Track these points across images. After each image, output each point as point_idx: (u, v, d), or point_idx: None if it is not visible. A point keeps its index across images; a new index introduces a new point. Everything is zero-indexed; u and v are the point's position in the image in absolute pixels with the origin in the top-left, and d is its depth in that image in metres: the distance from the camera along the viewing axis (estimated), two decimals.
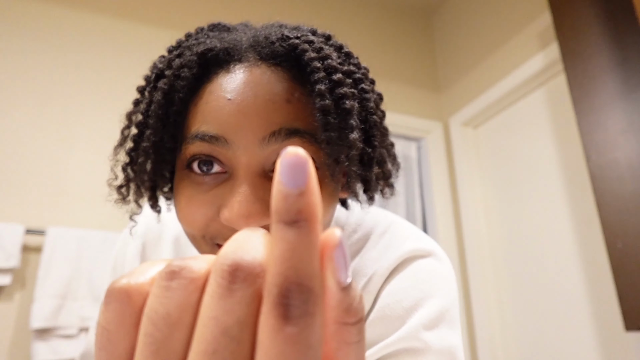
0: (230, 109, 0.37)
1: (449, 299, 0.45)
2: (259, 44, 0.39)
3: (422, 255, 0.47)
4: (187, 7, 1.95)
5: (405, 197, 2.09)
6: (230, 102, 0.37)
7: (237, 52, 0.39)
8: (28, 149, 1.52)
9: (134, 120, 0.44)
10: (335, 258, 0.17)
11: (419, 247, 0.47)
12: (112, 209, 1.56)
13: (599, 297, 1.50)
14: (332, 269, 0.17)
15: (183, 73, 0.39)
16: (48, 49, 1.64)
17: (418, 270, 0.46)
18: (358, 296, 0.18)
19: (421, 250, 0.47)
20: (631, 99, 1.23)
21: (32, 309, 1.28)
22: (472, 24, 2.22)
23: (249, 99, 0.37)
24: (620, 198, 1.20)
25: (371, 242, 0.49)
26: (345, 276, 0.18)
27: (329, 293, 0.17)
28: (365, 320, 0.34)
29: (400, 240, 0.48)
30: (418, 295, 0.44)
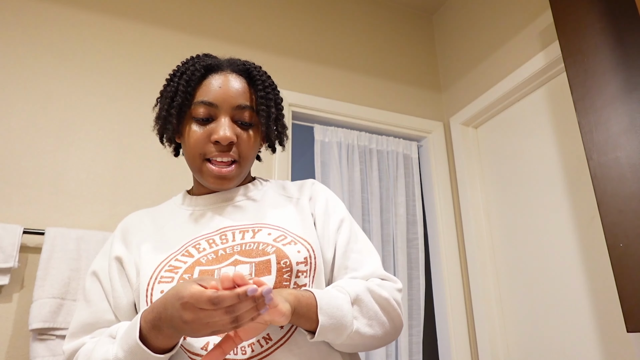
0: (218, 91, 0.79)
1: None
2: (232, 64, 0.83)
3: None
4: (186, 7, 1.95)
5: (406, 196, 2.09)
6: (219, 88, 0.80)
7: (221, 66, 0.83)
8: (26, 149, 1.51)
9: (163, 93, 0.83)
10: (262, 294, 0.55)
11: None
12: (110, 209, 1.55)
13: (600, 298, 1.50)
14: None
15: (195, 73, 0.80)
16: (48, 49, 1.64)
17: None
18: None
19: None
20: (632, 98, 1.22)
21: (31, 310, 1.28)
22: (473, 23, 2.22)
23: (227, 87, 0.80)
24: (622, 198, 1.19)
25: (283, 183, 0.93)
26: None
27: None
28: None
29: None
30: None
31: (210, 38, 1.94)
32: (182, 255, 0.74)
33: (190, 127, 0.79)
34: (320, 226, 0.82)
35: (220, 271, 0.70)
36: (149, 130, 1.70)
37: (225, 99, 0.78)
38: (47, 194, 1.49)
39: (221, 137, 0.76)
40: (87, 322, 0.75)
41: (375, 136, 2.13)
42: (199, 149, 0.78)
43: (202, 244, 0.75)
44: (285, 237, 0.76)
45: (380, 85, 2.24)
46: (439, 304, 2.01)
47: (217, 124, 0.78)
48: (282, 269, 0.71)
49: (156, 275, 0.71)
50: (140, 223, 0.84)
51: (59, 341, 1.29)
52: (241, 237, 0.75)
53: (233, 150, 0.78)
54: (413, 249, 2.02)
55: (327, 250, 0.80)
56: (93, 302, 0.76)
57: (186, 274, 0.70)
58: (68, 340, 0.75)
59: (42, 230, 1.39)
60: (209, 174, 0.78)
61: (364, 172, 2.05)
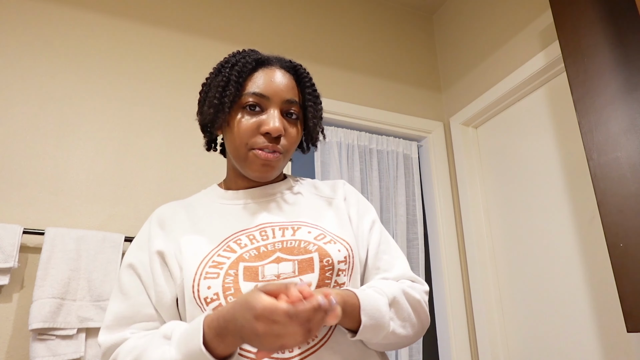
0: (269, 84, 0.81)
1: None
2: (280, 60, 0.85)
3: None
4: (185, 7, 1.95)
5: (406, 196, 2.09)
6: (271, 81, 0.81)
7: (270, 61, 0.84)
8: (26, 149, 1.51)
9: (211, 83, 0.84)
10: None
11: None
12: (110, 209, 1.55)
13: (600, 298, 1.50)
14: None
15: (247, 65, 0.81)
16: (48, 49, 1.64)
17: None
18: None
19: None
20: (633, 98, 1.22)
21: (31, 310, 1.28)
22: (473, 23, 2.21)
23: (277, 81, 0.81)
24: (622, 198, 1.19)
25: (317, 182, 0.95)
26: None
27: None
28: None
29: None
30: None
31: (210, 38, 1.94)
32: (224, 250, 0.74)
33: (238, 116, 0.79)
34: (355, 226, 0.84)
35: (264, 268, 0.71)
36: (149, 130, 1.70)
37: (276, 92, 0.79)
38: (47, 194, 1.49)
39: (272, 128, 0.76)
40: (125, 315, 0.74)
41: (375, 136, 2.13)
42: (246, 139, 0.78)
43: (243, 239, 0.75)
44: (325, 235, 0.77)
45: (380, 85, 2.23)
46: (439, 304, 2.01)
47: (268, 116, 0.78)
48: (324, 267, 0.72)
49: (201, 271, 0.71)
50: (175, 215, 0.83)
51: (58, 341, 1.29)
52: (281, 235, 0.76)
53: (280, 142, 0.79)
54: (413, 249, 2.02)
55: (361, 251, 0.82)
56: (130, 295, 0.75)
57: (231, 269, 0.70)
58: (105, 332, 0.73)
59: (42, 230, 1.39)
60: (255, 161, 0.78)
61: (364, 172, 2.05)
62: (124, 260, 0.80)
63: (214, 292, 0.69)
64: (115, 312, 0.75)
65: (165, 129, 1.73)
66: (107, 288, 1.39)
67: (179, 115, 1.77)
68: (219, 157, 1.77)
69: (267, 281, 0.70)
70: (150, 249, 0.78)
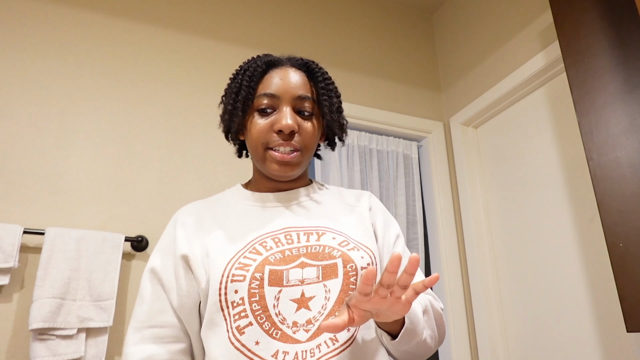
0: (279, 83, 0.82)
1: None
2: (291, 60, 0.87)
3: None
4: (185, 7, 1.95)
5: (406, 196, 2.09)
6: (280, 80, 0.82)
7: (281, 62, 0.86)
8: (26, 149, 1.51)
9: (228, 90, 0.86)
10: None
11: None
12: (110, 209, 1.55)
13: (600, 298, 1.50)
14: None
15: (257, 69, 0.83)
16: (48, 49, 1.64)
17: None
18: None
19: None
20: (632, 98, 1.22)
21: (31, 310, 1.28)
22: (473, 23, 2.21)
23: (287, 79, 0.82)
24: (622, 198, 1.19)
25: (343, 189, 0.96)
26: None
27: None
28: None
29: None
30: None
31: (210, 38, 1.94)
32: (250, 252, 0.74)
33: (253, 119, 0.81)
34: (381, 238, 0.86)
35: (289, 272, 0.72)
36: (149, 130, 1.70)
37: (287, 89, 0.81)
38: (47, 194, 1.49)
39: (283, 125, 0.78)
40: (141, 319, 0.76)
41: (375, 136, 2.13)
42: (261, 139, 0.80)
43: (268, 242, 0.76)
44: (349, 242, 0.79)
45: (380, 85, 2.23)
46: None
47: (280, 114, 0.80)
48: (348, 272, 0.73)
49: (227, 273, 0.72)
50: (200, 216, 0.84)
51: (58, 341, 1.29)
52: (306, 239, 0.77)
53: (295, 139, 0.80)
54: (413, 249, 2.02)
55: (384, 261, 0.84)
56: (146, 301, 0.77)
57: (257, 272, 0.71)
58: (133, 339, 0.75)
59: (42, 230, 1.39)
60: (272, 160, 0.80)
61: (364, 172, 2.05)
62: (148, 263, 0.81)
63: (240, 296, 0.70)
64: (136, 316, 0.77)
65: (165, 129, 1.73)
66: (107, 288, 1.39)
67: (179, 116, 1.77)
68: (219, 157, 1.77)
69: (291, 286, 0.71)
70: (175, 253, 0.78)
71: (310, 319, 0.69)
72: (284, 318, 0.69)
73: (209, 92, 1.85)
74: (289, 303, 0.70)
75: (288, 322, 0.69)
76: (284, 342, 0.68)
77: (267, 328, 0.68)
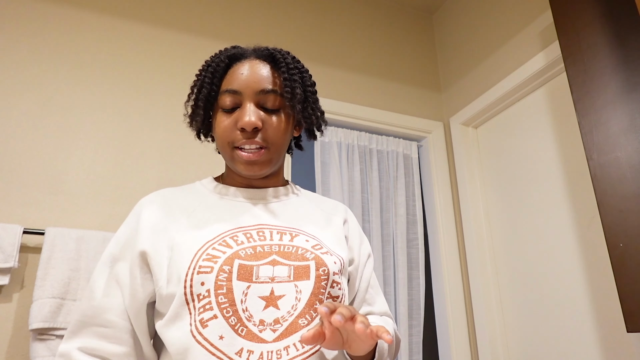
0: (242, 78, 0.78)
1: None
2: (256, 51, 0.83)
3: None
4: (185, 8, 1.95)
5: (406, 196, 2.09)
6: (243, 74, 0.79)
7: (245, 54, 0.82)
8: (26, 149, 1.51)
9: (194, 87, 0.81)
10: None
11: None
12: (110, 209, 1.55)
13: (600, 298, 1.50)
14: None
15: (220, 64, 0.80)
16: (48, 50, 1.64)
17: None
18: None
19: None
20: (632, 98, 1.22)
21: (31, 310, 1.28)
22: (473, 23, 2.21)
23: (250, 73, 0.78)
24: (622, 198, 1.19)
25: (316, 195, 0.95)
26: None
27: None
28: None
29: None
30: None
31: (210, 38, 1.94)
32: (219, 244, 0.71)
33: (218, 117, 0.79)
34: (356, 254, 0.86)
35: (259, 269, 0.69)
36: (149, 130, 1.70)
37: (248, 84, 0.77)
38: (47, 194, 1.49)
39: (245, 122, 0.75)
40: (87, 314, 0.71)
41: (375, 136, 2.13)
42: (227, 138, 0.78)
43: (240, 236, 0.73)
44: (322, 247, 0.77)
45: (380, 85, 2.23)
46: (439, 304, 2.01)
47: (242, 111, 0.76)
48: (320, 276, 0.72)
49: (194, 265, 0.68)
50: (167, 206, 0.79)
51: (58, 341, 1.29)
52: (279, 238, 0.75)
53: (259, 136, 0.76)
54: (413, 249, 2.02)
55: (356, 277, 0.85)
56: (96, 296, 0.72)
57: (226, 265, 0.68)
58: (75, 331, 0.71)
59: (42, 230, 1.39)
60: (239, 160, 0.77)
61: (364, 172, 2.05)
62: (104, 255, 0.76)
63: (206, 288, 0.66)
64: (82, 308, 0.72)
65: (165, 129, 1.73)
66: None
67: (179, 115, 1.77)
68: (219, 157, 1.77)
69: (260, 282, 0.68)
70: (135, 247, 0.74)
71: (279, 318, 0.67)
72: (251, 315, 0.66)
73: None
74: (257, 300, 0.67)
75: (255, 319, 0.66)
76: (249, 340, 0.65)
77: (233, 323, 0.65)
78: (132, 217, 0.78)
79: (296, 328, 0.67)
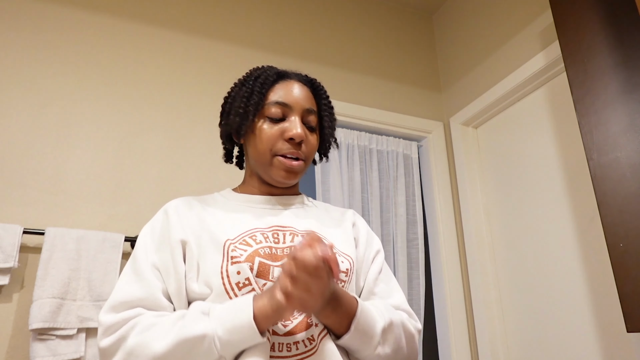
0: (290, 94, 0.87)
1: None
2: (297, 75, 0.92)
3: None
4: (185, 8, 1.94)
5: (406, 196, 2.09)
6: (293, 91, 0.87)
7: (289, 75, 0.91)
8: (26, 149, 1.51)
9: (236, 95, 0.89)
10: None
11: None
12: (110, 209, 1.55)
13: (600, 298, 1.50)
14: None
15: (269, 78, 0.88)
16: (48, 50, 1.64)
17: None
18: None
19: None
20: (632, 98, 1.22)
21: (31, 310, 1.28)
22: (473, 23, 2.21)
23: (298, 92, 0.88)
24: (622, 198, 1.19)
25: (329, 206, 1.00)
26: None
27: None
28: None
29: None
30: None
31: (210, 38, 1.94)
32: (240, 243, 0.76)
33: (262, 125, 0.85)
34: (362, 252, 0.90)
35: (274, 270, 0.74)
36: (149, 130, 1.70)
37: (297, 101, 0.86)
38: (47, 194, 1.49)
39: (295, 134, 0.82)
40: (137, 296, 0.72)
41: (375, 136, 2.13)
42: (270, 145, 0.84)
43: (258, 236, 0.79)
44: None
45: (380, 85, 2.23)
46: (439, 304, 2.01)
47: (290, 123, 0.84)
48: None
49: (227, 258, 0.73)
50: (191, 207, 0.85)
51: (59, 341, 1.29)
52: (291, 240, 0.80)
53: (302, 148, 0.85)
54: (413, 249, 2.02)
55: (360, 276, 0.88)
56: (145, 277, 0.74)
57: (247, 262, 0.73)
58: (110, 311, 0.70)
59: (42, 230, 1.39)
60: (281, 167, 0.84)
61: (364, 172, 2.05)
62: (138, 246, 0.79)
63: (245, 277, 0.71)
64: (127, 291, 0.72)
65: (165, 129, 1.73)
66: (107, 288, 1.39)
67: (179, 115, 1.77)
68: (219, 157, 1.77)
69: (274, 281, 0.72)
70: (171, 238, 0.77)
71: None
72: None
73: (208, 92, 1.85)
74: None
75: None
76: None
77: None
78: (160, 216, 0.83)
79: (305, 326, 0.72)
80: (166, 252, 0.77)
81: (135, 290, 0.72)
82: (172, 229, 0.79)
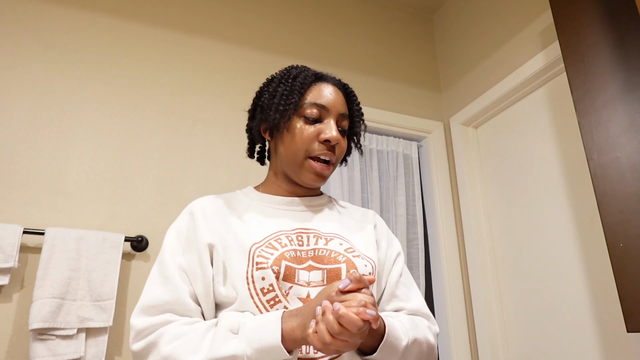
0: (329, 97, 0.87)
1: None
2: (332, 78, 0.92)
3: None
4: (186, 8, 1.94)
5: (406, 196, 2.09)
6: (331, 95, 0.88)
7: (326, 78, 0.91)
8: (26, 149, 1.51)
9: (274, 91, 0.88)
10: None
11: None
12: (110, 209, 1.55)
13: (600, 298, 1.50)
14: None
15: (308, 78, 0.88)
16: (48, 50, 1.64)
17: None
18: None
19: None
20: (632, 98, 1.22)
21: (31, 310, 1.28)
22: (473, 23, 2.21)
23: (335, 96, 0.88)
24: (622, 198, 1.19)
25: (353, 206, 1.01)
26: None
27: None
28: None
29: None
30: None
31: (210, 39, 1.94)
32: (267, 247, 0.77)
33: (298, 124, 0.85)
34: (383, 254, 0.91)
35: (299, 272, 0.75)
36: (149, 130, 1.70)
37: (335, 105, 0.87)
38: (47, 194, 1.49)
39: (331, 136, 0.83)
40: (165, 299, 0.73)
41: (375, 136, 2.13)
42: (306, 145, 0.84)
43: (283, 239, 0.79)
44: (354, 250, 0.83)
45: (380, 85, 2.23)
46: (439, 304, 2.01)
47: (326, 126, 0.85)
48: None
49: (252, 263, 0.74)
50: (217, 208, 0.85)
51: (58, 341, 1.29)
52: (315, 242, 0.81)
53: (335, 151, 0.86)
54: (413, 249, 2.02)
55: (382, 277, 0.89)
56: (173, 280, 0.75)
57: (275, 265, 0.73)
58: (141, 314, 0.72)
59: (42, 230, 1.39)
60: (311, 170, 0.85)
61: (364, 172, 2.05)
62: (165, 248, 0.79)
63: (269, 282, 0.72)
64: (155, 294, 0.73)
65: (165, 129, 1.73)
66: (107, 288, 1.39)
67: (180, 116, 1.77)
68: (219, 158, 1.77)
69: (300, 285, 0.74)
70: (199, 241, 0.78)
71: None
72: None
73: (209, 92, 1.85)
74: (297, 301, 0.73)
75: None
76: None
77: None
78: (185, 217, 0.83)
79: None
80: (193, 254, 0.77)
81: (162, 293, 0.74)
82: (198, 232, 0.79)
